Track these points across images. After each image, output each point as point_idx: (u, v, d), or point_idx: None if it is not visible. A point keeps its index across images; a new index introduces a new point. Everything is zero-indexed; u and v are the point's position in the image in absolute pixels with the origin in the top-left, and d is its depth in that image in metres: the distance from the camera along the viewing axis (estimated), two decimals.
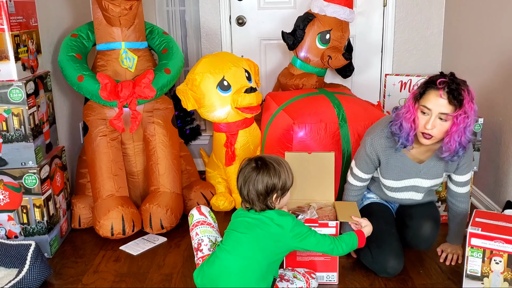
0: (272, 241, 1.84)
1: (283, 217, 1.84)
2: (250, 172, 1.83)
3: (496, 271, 1.97)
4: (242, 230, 1.87)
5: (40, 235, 2.37)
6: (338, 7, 2.99)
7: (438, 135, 1.94)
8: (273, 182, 1.81)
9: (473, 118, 1.91)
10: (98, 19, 2.64)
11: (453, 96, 1.86)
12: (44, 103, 2.45)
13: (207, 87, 2.73)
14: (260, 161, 1.85)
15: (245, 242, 1.84)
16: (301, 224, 1.87)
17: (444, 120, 1.90)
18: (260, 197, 1.83)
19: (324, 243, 1.87)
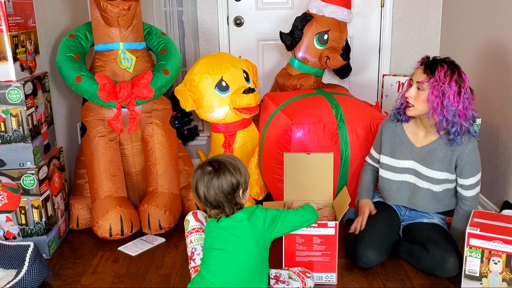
0: (254, 242, 1.82)
1: (253, 214, 1.83)
2: (210, 176, 1.78)
3: (494, 271, 1.98)
4: (221, 246, 1.82)
5: (38, 236, 2.37)
6: (336, 7, 3.00)
7: (418, 106, 2.13)
8: (237, 178, 1.79)
9: (452, 93, 2.06)
10: (96, 20, 2.63)
11: (427, 66, 2.10)
12: (42, 103, 2.45)
13: (205, 87, 2.73)
14: (215, 162, 1.81)
15: (228, 259, 1.81)
16: (268, 212, 1.86)
17: (422, 90, 2.11)
18: (228, 197, 1.79)
19: (295, 216, 1.92)
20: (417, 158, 2.25)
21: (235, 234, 1.81)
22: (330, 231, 2.09)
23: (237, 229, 1.82)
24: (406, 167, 2.29)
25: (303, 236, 2.10)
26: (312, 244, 2.11)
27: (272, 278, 1.99)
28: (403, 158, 2.28)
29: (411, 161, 2.27)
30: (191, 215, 2.06)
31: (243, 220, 1.81)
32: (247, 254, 1.82)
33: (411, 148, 2.26)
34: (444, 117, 2.09)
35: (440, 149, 2.20)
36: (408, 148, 2.27)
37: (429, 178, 2.24)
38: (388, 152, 2.33)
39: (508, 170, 2.57)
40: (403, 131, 2.29)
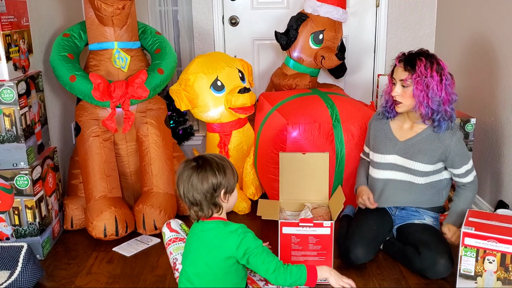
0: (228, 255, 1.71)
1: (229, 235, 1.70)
2: (192, 172, 1.70)
3: (489, 270, 1.98)
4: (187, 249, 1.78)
5: (32, 236, 2.35)
6: (331, 7, 3.00)
7: (406, 102, 2.17)
8: (218, 178, 1.69)
9: (435, 83, 2.10)
10: (90, 19, 2.62)
11: (406, 63, 2.13)
12: (35, 103, 2.43)
13: (200, 87, 2.72)
14: (201, 159, 1.73)
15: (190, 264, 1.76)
16: (249, 241, 1.69)
17: (406, 87, 2.14)
18: (207, 195, 1.69)
19: (268, 267, 1.67)
20: (400, 152, 2.28)
21: (202, 243, 1.74)
22: (325, 230, 2.09)
23: (205, 239, 1.74)
24: (390, 162, 2.31)
25: (298, 236, 2.10)
26: (308, 243, 2.10)
27: (261, 280, 1.97)
28: (387, 152, 2.31)
29: (394, 155, 2.30)
30: (165, 227, 2.04)
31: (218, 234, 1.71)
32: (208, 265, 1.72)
33: (394, 142, 2.30)
34: (430, 107, 2.13)
35: (425, 141, 2.23)
36: (392, 142, 2.30)
37: (411, 170, 2.26)
38: (374, 148, 2.37)
39: (502, 169, 2.58)
40: (389, 126, 2.33)
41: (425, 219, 2.32)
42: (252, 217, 2.79)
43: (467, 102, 2.98)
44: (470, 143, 2.64)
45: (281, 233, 2.11)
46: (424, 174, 2.26)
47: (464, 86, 3.02)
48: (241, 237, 1.68)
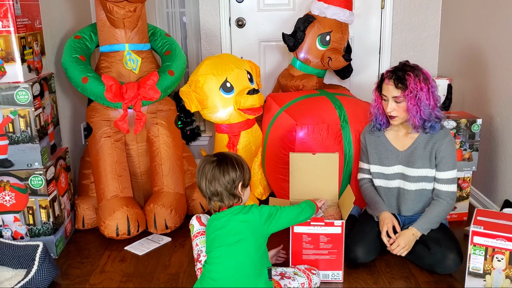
0: (251, 237, 1.85)
1: (249, 211, 1.87)
2: (213, 166, 1.86)
3: (498, 268, 2.02)
4: (220, 243, 1.85)
5: (46, 236, 2.38)
6: (338, 9, 3.03)
7: (400, 115, 2.24)
8: (237, 172, 1.87)
9: (424, 94, 2.17)
10: (101, 21, 2.65)
11: (397, 81, 2.18)
12: (48, 104, 2.46)
13: (210, 88, 2.75)
14: (220, 155, 1.91)
15: (226, 255, 1.84)
16: (264, 208, 1.90)
17: (399, 102, 2.20)
18: (227, 186, 1.86)
19: (291, 213, 1.97)
20: (403, 161, 2.32)
21: (233, 230, 1.84)
22: (336, 229, 2.12)
23: (234, 225, 1.85)
24: (396, 172, 2.35)
25: (310, 235, 2.13)
26: (319, 242, 2.14)
27: (277, 275, 2.02)
28: (391, 164, 2.35)
29: (399, 165, 2.34)
30: (195, 220, 2.10)
31: (239, 214, 1.86)
32: (245, 249, 1.84)
33: (396, 153, 2.33)
34: (422, 118, 2.20)
35: (421, 147, 2.28)
36: (393, 153, 2.34)
37: (415, 178, 2.30)
38: (377, 161, 2.39)
39: (509, 169, 2.62)
40: (385, 137, 2.37)
41: None
42: None
43: (473, 102, 3.01)
44: (476, 144, 2.68)
45: (293, 232, 2.14)
46: (431, 179, 2.30)
47: (470, 87, 3.06)
48: (259, 207, 1.90)
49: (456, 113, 2.79)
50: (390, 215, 2.33)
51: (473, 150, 2.68)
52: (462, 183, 2.72)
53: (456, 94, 3.20)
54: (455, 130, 2.65)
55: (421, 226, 2.26)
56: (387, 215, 2.32)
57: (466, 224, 2.67)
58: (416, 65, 2.24)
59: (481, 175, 2.90)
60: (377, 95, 2.32)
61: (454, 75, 3.30)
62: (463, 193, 2.73)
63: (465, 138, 2.67)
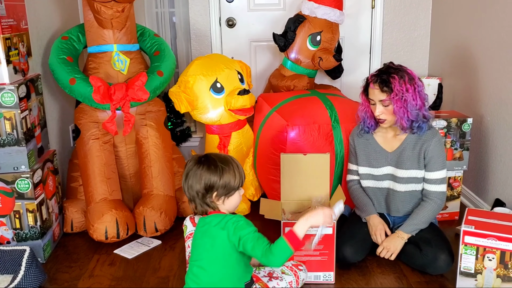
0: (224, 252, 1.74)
1: (225, 224, 1.73)
2: (192, 167, 1.76)
3: (489, 268, 2.01)
4: (194, 246, 1.82)
5: (33, 240, 2.35)
6: (329, 9, 3.02)
7: (389, 118, 2.23)
8: (212, 179, 1.72)
9: (411, 95, 2.16)
10: (89, 22, 2.62)
11: (382, 84, 2.17)
12: (35, 106, 2.43)
13: (200, 89, 2.73)
14: (204, 157, 1.78)
15: (198, 261, 1.79)
16: (242, 227, 1.71)
17: (386, 105, 2.19)
18: (198, 194, 1.74)
19: (257, 252, 1.69)
20: (392, 163, 2.32)
21: (208, 243, 1.77)
22: (328, 230, 2.10)
23: (206, 232, 1.78)
24: (385, 173, 2.34)
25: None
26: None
27: (265, 276, 2.00)
28: (380, 165, 2.34)
29: (388, 166, 2.33)
30: (188, 221, 2.07)
31: (215, 227, 1.75)
32: (218, 262, 1.76)
33: (384, 154, 2.33)
34: (410, 119, 2.19)
35: (409, 148, 2.27)
36: (382, 155, 2.33)
37: (405, 179, 2.29)
38: (366, 163, 2.38)
39: (499, 168, 2.62)
40: (374, 139, 2.36)
41: None
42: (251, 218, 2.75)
43: (463, 102, 3.01)
44: (467, 143, 2.67)
45: (283, 232, 2.12)
46: (421, 180, 2.29)
47: (460, 86, 3.06)
48: (234, 225, 1.71)
49: (446, 112, 2.79)
50: (379, 219, 2.33)
51: (463, 150, 2.68)
52: (453, 182, 2.71)
53: (447, 93, 3.20)
54: (446, 129, 2.64)
55: (408, 228, 2.26)
56: (376, 220, 2.33)
57: (458, 223, 2.67)
58: (400, 66, 2.23)
59: (472, 174, 2.89)
60: (364, 99, 2.30)
61: (444, 74, 3.30)
62: (454, 192, 2.73)
63: (456, 138, 2.66)
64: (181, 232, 2.66)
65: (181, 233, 2.65)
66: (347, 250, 2.24)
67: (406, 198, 2.31)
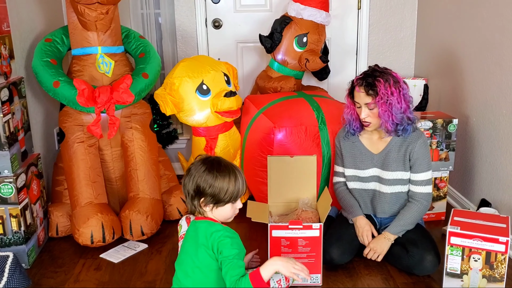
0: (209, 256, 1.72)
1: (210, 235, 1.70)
2: (193, 164, 1.76)
3: (475, 268, 2.02)
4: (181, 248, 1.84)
5: (17, 245, 2.31)
6: (315, 10, 3.02)
7: (374, 121, 2.24)
8: (202, 184, 1.70)
9: (395, 98, 2.17)
10: (73, 24, 2.59)
11: (368, 88, 2.17)
12: (18, 110, 2.39)
13: (186, 91, 2.71)
14: (210, 159, 1.76)
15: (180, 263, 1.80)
16: (225, 246, 1.67)
17: (372, 108, 2.20)
18: (189, 194, 1.74)
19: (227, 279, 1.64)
20: (378, 165, 2.32)
21: (192, 242, 1.77)
22: (315, 232, 2.10)
23: (193, 237, 1.77)
24: (371, 175, 2.35)
25: (288, 239, 2.11)
26: (297, 246, 2.12)
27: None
28: (366, 167, 2.35)
29: (374, 168, 2.34)
30: (184, 221, 2.05)
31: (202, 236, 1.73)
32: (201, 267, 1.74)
33: (370, 156, 2.34)
34: (394, 123, 2.20)
35: (394, 150, 2.28)
36: (368, 157, 2.34)
37: (390, 181, 2.30)
38: (352, 165, 2.39)
39: (485, 168, 2.64)
40: (359, 141, 2.36)
41: None
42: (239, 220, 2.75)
43: (449, 103, 3.03)
44: (452, 143, 2.69)
45: (271, 236, 2.12)
46: (406, 182, 2.30)
47: (446, 87, 3.07)
48: (219, 240, 1.68)
49: (432, 113, 2.80)
50: (366, 220, 2.33)
51: (449, 150, 2.69)
52: (440, 182, 2.73)
53: (433, 94, 3.21)
54: (432, 130, 2.66)
55: (394, 230, 2.27)
56: (363, 222, 2.33)
57: (444, 224, 2.68)
58: (385, 69, 2.23)
59: (458, 175, 2.91)
60: (350, 102, 2.30)
61: (430, 75, 3.32)
62: (440, 192, 2.74)
63: (442, 138, 2.68)
64: (167, 236, 2.67)
65: (168, 237, 2.66)
66: (334, 252, 2.24)
67: (392, 199, 2.32)
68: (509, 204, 2.41)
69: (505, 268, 1.99)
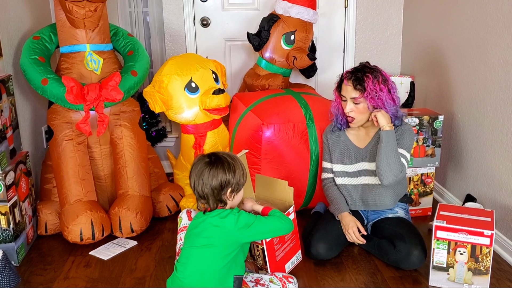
0: (222, 242, 1.82)
1: (227, 215, 1.83)
2: (204, 167, 1.84)
3: (460, 261, 2.06)
4: (190, 243, 1.87)
5: (6, 243, 2.31)
6: (302, 8, 3.04)
7: (358, 117, 2.27)
8: (227, 176, 1.84)
9: (385, 94, 2.20)
10: (61, 21, 2.58)
11: (356, 82, 2.20)
12: (7, 107, 2.38)
13: (174, 89, 2.72)
14: (214, 156, 1.88)
15: (194, 256, 1.83)
16: (242, 215, 1.85)
17: (358, 104, 2.23)
18: (214, 191, 1.84)
19: (271, 221, 1.90)
20: (365, 158, 2.36)
21: (204, 233, 1.83)
22: (290, 216, 2.16)
23: (206, 228, 1.83)
24: (359, 170, 2.38)
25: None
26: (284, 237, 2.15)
27: (252, 281, 1.99)
28: (353, 162, 2.39)
29: (361, 162, 2.38)
30: (185, 213, 2.10)
31: (214, 218, 1.83)
32: (211, 255, 1.81)
33: (357, 151, 2.38)
34: (390, 112, 2.24)
35: (377, 139, 2.31)
36: (355, 152, 2.38)
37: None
38: (339, 160, 2.42)
39: (470, 164, 2.68)
40: (346, 137, 2.40)
41: (397, 212, 2.41)
42: None
43: (435, 99, 3.08)
44: (438, 140, 2.73)
45: (266, 244, 2.06)
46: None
47: (432, 84, 3.12)
48: (237, 214, 1.84)
49: (418, 110, 2.85)
50: (351, 217, 2.36)
51: (435, 146, 2.74)
52: (426, 178, 2.77)
53: (419, 91, 3.26)
54: (418, 126, 2.70)
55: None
56: (348, 218, 2.35)
57: (430, 219, 2.72)
58: (375, 67, 2.26)
59: (444, 171, 2.96)
60: (337, 95, 2.34)
61: (416, 72, 3.36)
62: (426, 188, 2.79)
63: (428, 135, 2.72)
64: (157, 232, 2.68)
65: (158, 233, 2.67)
66: (321, 247, 2.27)
67: (383, 191, 2.35)
68: (494, 199, 2.46)
69: (490, 261, 2.03)
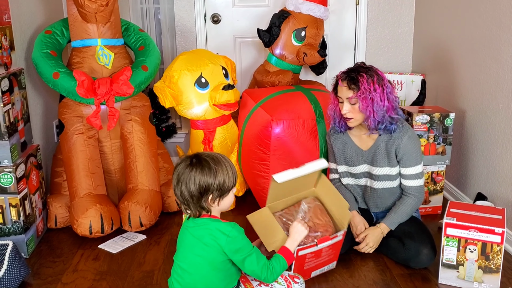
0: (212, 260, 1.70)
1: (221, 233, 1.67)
2: (183, 170, 1.66)
3: (470, 259, 2.04)
4: (178, 245, 1.78)
5: (16, 235, 2.33)
6: (313, 4, 3.04)
7: (356, 117, 2.23)
8: (207, 181, 1.64)
9: (378, 95, 2.16)
10: (73, 16, 2.60)
11: (350, 81, 2.17)
12: (18, 100, 2.40)
13: (184, 84, 2.73)
14: (195, 158, 1.68)
15: (181, 260, 1.75)
16: (237, 242, 1.68)
17: (354, 104, 2.20)
18: (193, 198, 1.66)
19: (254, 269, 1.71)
20: (368, 161, 2.34)
21: (196, 247, 1.71)
22: (338, 238, 2.11)
23: (197, 235, 1.71)
24: (363, 171, 2.37)
25: (313, 252, 2.06)
26: (321, 254, 2.11)
27: (255, 280, 1.96)
28: (357, 164, 2.37)
29: (364, 164, 2.36)
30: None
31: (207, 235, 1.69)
32: (204, 267, 1.71)
33: (360, 153, 2.35)
34: (376, 120, 2.19)
35: (382, 146, 2.28)
36: (358, 153, 2.36)
37: (380, 177, 2.31)
38: (343, 161, 2.41)
39: (481, 162, 2.66)
40: (349, 138, 2.37)
41: None
42: (236, 213, 2.81)
43: (446, 97, 3.05)
44: (449, 137, 2.71)
45: (297, 256, 2.01)
46: (395, 177, 2.31)
47: (443, 82, 3.10)
48: (229, 239, 1.66)
49: (430, 107, 2.83)
50: (360, 218, 2.36)
51: (446, 144, 2.72)
52: (436, 176, 2.75)
53: (430, 89, 3.24)
54: (429, 124, 2.68)
55: (390, 222, 2.29)
56: (357, 219, 2.35)
57: (440, 217, 2.70)
58: (371, 66, 2.23)
59: (455, 169, 2.94)
60: (334, 97, 2.30)
61: (428, 70, 3.34)
62: (437, 186, 2.77)
63: (439, 132, 2.70)
64: (166, 227, 2.69)
65: (166, 228, 2.68)
66: None
67: (384, 194, 2.35)
68: (505, 198, 2.44)
69: (501, 259, 2.01)
